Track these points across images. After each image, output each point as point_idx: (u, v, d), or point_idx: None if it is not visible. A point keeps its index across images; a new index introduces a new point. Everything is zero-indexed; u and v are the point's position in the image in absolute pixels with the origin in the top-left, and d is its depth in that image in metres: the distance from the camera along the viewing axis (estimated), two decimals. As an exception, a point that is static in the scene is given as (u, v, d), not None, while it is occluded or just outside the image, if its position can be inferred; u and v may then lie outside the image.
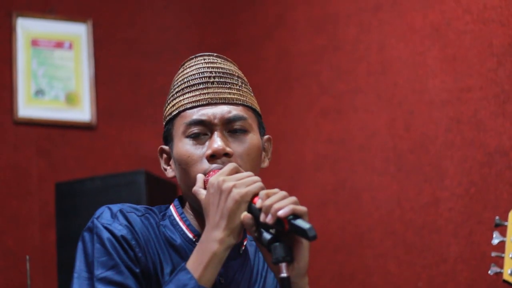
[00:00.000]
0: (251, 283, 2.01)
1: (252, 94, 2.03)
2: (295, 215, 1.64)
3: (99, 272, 1.79)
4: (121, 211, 1.89)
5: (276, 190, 1.71)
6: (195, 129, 1.91)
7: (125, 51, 4.98)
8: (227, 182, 1.73)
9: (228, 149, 1.87)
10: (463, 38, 3.48)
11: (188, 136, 1.92)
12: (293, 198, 1.68)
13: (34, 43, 4.73)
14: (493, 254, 2.64)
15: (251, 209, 1.71)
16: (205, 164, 1.87)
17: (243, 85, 2.01)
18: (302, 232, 1.61)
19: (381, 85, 3.91)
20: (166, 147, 2.04)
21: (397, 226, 3.74)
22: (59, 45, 4.79)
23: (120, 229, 1.84)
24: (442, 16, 3.59)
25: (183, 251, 1.89)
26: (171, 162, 2.01)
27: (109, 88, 4.87)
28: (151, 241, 1.89)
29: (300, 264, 1.72)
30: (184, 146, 1.91)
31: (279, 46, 4.61)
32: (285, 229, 1.65)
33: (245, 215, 1.71)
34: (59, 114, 4.70)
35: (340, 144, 4.11)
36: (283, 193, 1.69)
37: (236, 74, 2.02)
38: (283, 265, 1.63)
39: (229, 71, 2.00)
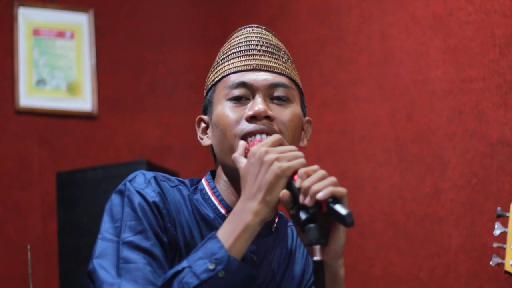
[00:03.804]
0: (282, 260, 1.99)
1: (297, 72, 2.03)
2: (335, 197, 1.61)
3: (126, 235, 1.75)
4: (155, 178, 1.85)
5: (315, 167, 1.67)
6: (236, 92, 1.89)
7: (127, 41, 4.98)
8: (270, 154, 1.68)
9: (270, 112, 1.84)
10: (466, 28, 3.47)
11: (229, 99, 1.89)
12: (333, 179, 1.64)
13: (36, 32, 4.72)
14: (495, 245, 2.65)
15: (290, 185, 1.66)
16: (244, 125, 1.84)
17: (289, 61, 2.01)
18: (339, 217, 1.58)
19: (383, 76, 3.91)
20: (204, 117, 2.00)
21: (398, 216, 3.73)
22: (60, 34, 4.79)
23: (152, 195, 1.81)
24: (444, 6, 3.58)
25: (215, 226, 1.86)
26: (209, 130, 1.97)
27: (110, 77, 4.87)
28: (182, 213, 1.86)
29: (335, 246, 1.70)
30: (224, 108, 1.89)
31: (281, 36, 4.55)
32: (322, 211, 1.61)
33: (284, 193, 1.66)
34: (60, 103, 4.70)
35: (342, 134, 4.10)
36: (323, 172, 1.65)
37: (283, 49, 2.03)
38: (317, 248, 1.59)
39: (276, 44, 2.02)
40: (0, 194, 4.48)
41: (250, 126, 1.84)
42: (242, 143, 1.81)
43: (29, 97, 4.63)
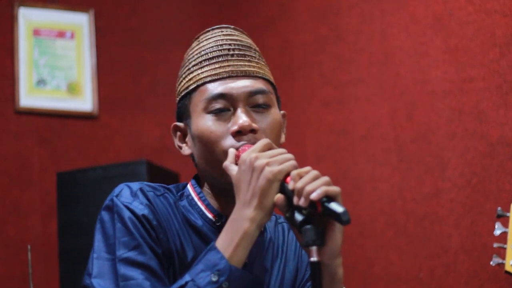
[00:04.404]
0: (273, 259, 1.98)
1: (268, 67, 1.99)
2: (329, 197, 1.59)
3: (121, 252, 1.74)
4: (141, 189, 1.84)
5: (308, 168, 1.66)
6: (217, 105, 1.85)
7: (127, 40, 4.98)
8: (260, 160, 1.67)
9: (254, 125, 1.82)
10: (466, 28, 3.47)
11: (209, 112, 1.86)
12: (326, 179, 1.63)
13: (36, 32, 4.72)
14: (495, 245, 2.65)
15: (283, 188, 1.66)
16: (230, 140, 1.82)
17: (261, 58, 1.98)
18: (335, 216, 1.57)
19: (383, 76, 3.91)
20: (180, 124, 1.97)
21: (398, 216, 3.73)
22: (61, 34, 4.79)
23: (141, 208, 1.80)
24: (444, 6, 3.58)
25: (204, 232, 1.86)
26: (187, 139, 1.95)
27: (110, 77, 4.87)
28: (171, 222, 1.85)
29: (332, 246, 1.68)
30: (206, 122, 1.85)
31: (281, 36, 4.60)
32: (318, 211, 1.60)
33: (278, 197, 1.66)
34: (60, 103, 4.70)
35: (342, 134, 4.10)
36: (315, 172, 1.64)
37: (253, 47, 1.98)
38: (314, 249, 1.57)
39: (247, 44, 1.97)
40: (0, 194, 4.48)
41: (238, 144, 1.81)
42: (231, 151, 1.79)
43: (29, 97, 4.63)
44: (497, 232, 2.65)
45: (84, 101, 4.75)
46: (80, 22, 4.84)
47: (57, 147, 4.66)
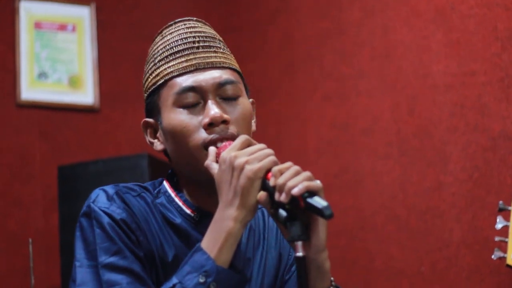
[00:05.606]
0: (255, 248, 1.98)
1: (233, 57, 1.98)
2: (310, 192, 1.59)
3: (102, 258, 1.73)
4: (117, 193, 1.83)
5: (288, 164, 1.65)
6: (187, 98, 1.84)
7: (128, 34, 4.97)
8: (239, 158, 1.66)
9: (225, 116, 1.81)
10: (468, 22, 3.46)
11: (180, 106, 1.85)
12: (307, 174, 1.62)
13: (37, 25, 4.72)
14: (497, 238, 2.66)
15: (265, 185, 1.65)
16: (203, 134, 1.81)
17: (225, 48, 1.96)
18: (317, 211, 1.56)
19: (385, 70, 3.91)
20: (150, 120, 1.96)
21: (400, 210, 3.73)
22: (62, 27, 4.78)
23: (119, 212, 1.78)
24: (446, 0, 3.58)
25: (183, 229, 1.85)
26: (159, 135, 1.94)
27: (112, 71, 4.87)
28: (150, 223, 1.84)
29: (317, 241, 1.67)
30: (177, 117, 1.84)
31: (283, 31, 4.60)
32: (300, 207, 1.59)
33: (261, 194, 1.65)
34: (62, 97, 4.70)
35: (343, 128, 4.10)
36: (296, 168, 1.63)
37: (217, 37, 1.97)
38: (299, 244, 1.57)
39: (210, 35, 1.95)
40: (2, 188, 4.48)
41: (210, 136, 1.80)
42: (212, 149, 1.78)
43: (30, 90, 4.63)
44: (499, 226, 2.66)
45: (86, 95, 4.75)
46: (82, 15, 4.83)
47: (58, 141, 4.66)
